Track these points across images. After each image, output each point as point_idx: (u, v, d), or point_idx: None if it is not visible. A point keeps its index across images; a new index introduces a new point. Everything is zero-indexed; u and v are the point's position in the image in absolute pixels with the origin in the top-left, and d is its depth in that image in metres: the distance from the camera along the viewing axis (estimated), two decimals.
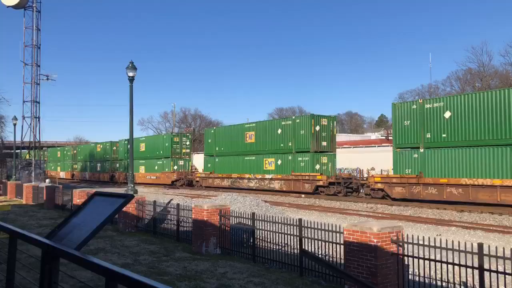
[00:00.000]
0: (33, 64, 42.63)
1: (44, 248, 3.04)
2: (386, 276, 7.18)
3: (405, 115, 25.30)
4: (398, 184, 25.29)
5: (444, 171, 23.29)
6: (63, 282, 6.89)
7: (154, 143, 48.92)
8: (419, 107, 24.69)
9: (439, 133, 23.68)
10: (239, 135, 37.83)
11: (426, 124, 24.22)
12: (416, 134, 24.74)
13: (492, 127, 21.47)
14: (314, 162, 31.23)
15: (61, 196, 23.28)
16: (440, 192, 23.29)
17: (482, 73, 62.75)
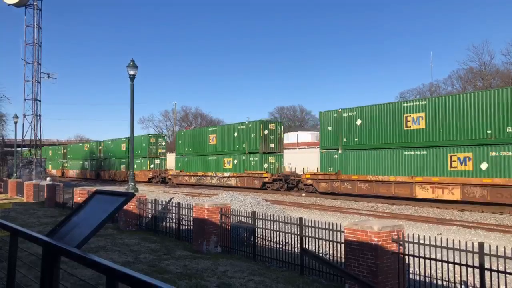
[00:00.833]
0: (34, 62, 42.66)
1: (45, 246, 3.04)
2: (386, 275, 7.18)
3: (329, 122, 30.03)
4: (322, 180, 29.96)
5: (355, 169, 28.00)
6: (64, 280, 6.91)
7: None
8: (338, 116, 29.43)
9: (353, 137, 28.43)
10: (204, 137, 41.91)
11: (343, 130, 28.99)
12: (336, 138, 29.44)
13: (389, 133, 26.38)
14: (262, 161, 35.58)
15: (62, 194, 23.31)
16: (353, 186, 27.99)
17: (484, 72, 62.67)
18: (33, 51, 42.72)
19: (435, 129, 24.19)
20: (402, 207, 23.62)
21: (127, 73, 18.80)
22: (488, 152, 21.96)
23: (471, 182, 22.33)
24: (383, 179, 26.13)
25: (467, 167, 22.70)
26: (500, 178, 21.24)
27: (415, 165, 24.85)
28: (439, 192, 23.62)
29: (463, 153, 22.90)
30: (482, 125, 22.25)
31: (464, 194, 22.59)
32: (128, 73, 18.75)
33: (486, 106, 22.12)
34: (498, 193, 21.37)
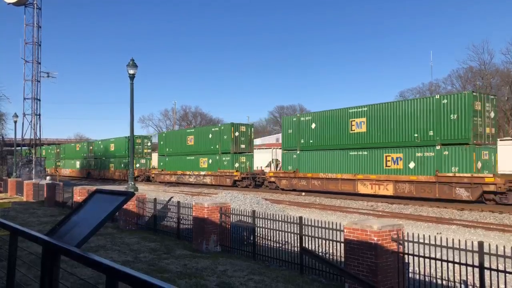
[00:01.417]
0: (33, 61, 42.61)
1: (45, 245, 3.04)
2: (386, 274, 7.18)
3: (289, 125, 33.38)
4: (283, 177, 33.21)
5: (310, 168, 31.11)
6: (64, 279, 6.91)
7: (120, 143, 55.02)
8: (297, 120, 32.87)
9: (308, 139, 31.61)
10: (183, 138, 44.99)
11: (301, 133, 32.17)
12: (295, 140, 32.62)
13: (337, 135, 29.59)
14: (234, 161, 38.65)
15: (62, 194, 23.31)
16: (308, 183, 31.10)
17: (483, 72, 62.65)
18: (33, 50, 42.70)
19: (374, 132, 27.32)
20: (402, 206, 23.63)
21: (127, 72, 18.79)
22: (415, 153, 25.12)
23: (401, 179, 25.45)
24: (332, 177, 29.41)
25: (398, 166, 25.90)
26: (424, 176, 24.40)
27: (358, 164, 28.04)
28: (376, 188, 26.84)
29: (396, 153, 26.14)
30: (411, 129, 25.39)
31: (396, 189, 25.69)
32: (127, 72, 18.74)
33: (414, 112, 25.29)
34: (422, 189, 24.52)
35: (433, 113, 24.35)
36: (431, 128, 24.41)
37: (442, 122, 23.96)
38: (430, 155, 24.40)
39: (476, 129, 23.11)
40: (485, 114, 23.60)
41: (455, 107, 23.58)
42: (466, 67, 65.30)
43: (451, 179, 23.15)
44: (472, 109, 22.95)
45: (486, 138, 23.69)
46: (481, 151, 23.35)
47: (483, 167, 23.12)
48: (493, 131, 24.37)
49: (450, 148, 23.65)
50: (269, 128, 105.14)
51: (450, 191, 23.25)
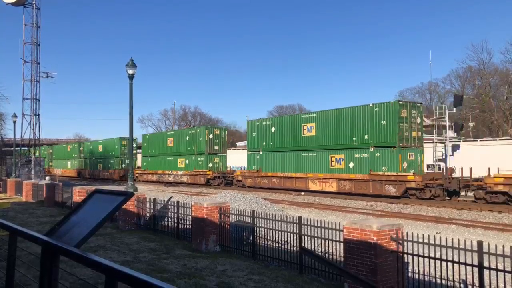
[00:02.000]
0: (32, 62, 42.55)
1: (44, 245, 3.04)
2: (385, 274, 7.18)
3: (253, 129, 37.03)
4: (249, 176, 36.89)
5: (271, 168, 34.75)
6: (63, 279, 6.90)
7: (108, 145, 58.97)
8: (259, 124, 36.55)
9: (269, 142, 35.19)
10: (164, 140, 48.33)
11: (263, 136, 35.77)
12: (258, 142, 36.26)
13: (292, 138, 32.99)
14: (207, 161, 42.02)
15: (61, 194, 23.28)
16: (269, 181, 34.70)
17: (482, 71, 62.67)
18: (32, 50, 42.65)
19: (321, 136, 30.79)
20: (401, 206, 23.65)
21: (126, 72, 18.77)
22: (354, 154, 28.49)
23: (343, 178, 28.91)
24: (288, 175, 32.93)
25: (341, 166, 29.26)
26: (360, 174, 27.82)
27: (309, 164, 31.39)
28: (323, 185, 30.17)
29: (339, 155, 29.48)
30: (351, 133, 28.74)
31: (339, 187, 29.05)
32: (127, 72, 18.73)
33: (353, 118, 28.70)
34: (359, 186, 27.83)
35: (367, 119, 27.73)
36: (366, 133, 27.81)
37: (374, 127, 27.32)
38: (365, 156, 27.81)
39: (402, 134, 26.34)
40: (411, 120, 26.90)
41: (385, 114, 26.90)
42: (465, 67, 65.41)
43: (382, 177, 26.60)
44: (398, 116, 26.29)
45: (412, 141, 26.90)
46: (407, 152, 26.66)
47: (409, 167, 26.44)
48: (419, 135, 27.53)
49: (381, 150, 27.00)
50: None
51: (381, 188, 26.56)
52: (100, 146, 60.93)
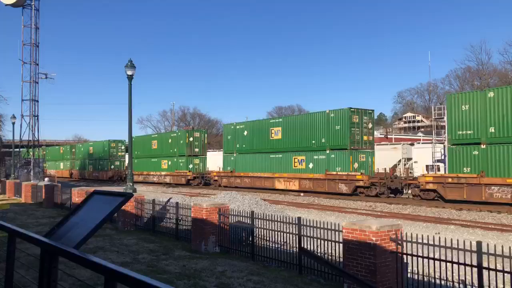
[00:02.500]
0: (31, 63, 42.51)
1: (43, 246, 3.04)
2: (385, 274, 7.18)
3: (228, 132, 40.30)
4: (224, 176, 39.80)
5: (244, 168, 37.55)
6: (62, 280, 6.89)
7: (98, 147, 62.28)
8: (234, 128, 39.46)
9: (242, 144, 38.20)
10: (149, 143, 51.48)
11: (237, 139, 38.77)
12: (233, 144, 39.23)
13: (262, 141, 36.16)
14: (188, 163, 44.86)
15: (60, 195, 23.26)
16: (241, 181, 37.53)
17: (481, 72, 62.81)
18: (31, 51, 42.59)
19: (286, 139, 33.90)
20: (400, 207, 23.66)
21: (125, 73, 18.77)
22: (313, 155, 31.48)
23: (304, 177, 31.94)
24: (258, 175, 35.89)
25: (302, 166, 32.22)
26: (318, 174, 30.91)
27: (275, 165, 34.49)
28: (287, 184, 33.26)
29: (300, 156, 32.46)
30: (311, 136, 31.76)
31: (300, 185, 32.16)
32: (126, 73, 18.72)
33: (313, 123, 31.82)
34: (317, 184, 30.88)
35: (324, 124, 30.86)
36: (323, 136, 30.92)
37: (330, 132, 30.40)
38: (322, 157, 30.92)
39: (353, 137, 29.33)
40: (362, 125, 29.87)
41: (339, 120, 29.89)
42: (464, 67, 65.59)
43: (335, 176, 29.61)
44: (350, 122, 29.23)
45: (363, 144, 29.87)
46: (358, 154, 29.60)
47: (360, 167, 29.36)
48: (371, 139, 30.64)
49: (335, 152, 30.11)
50: None
51: (335, 186, 29.52)
52: (90, 148, 64.37)
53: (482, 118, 22.74)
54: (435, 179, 24.55)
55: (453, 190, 23.42)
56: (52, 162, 76.41)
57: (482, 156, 22.65)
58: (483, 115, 22.69)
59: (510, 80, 58.35)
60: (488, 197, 21.96)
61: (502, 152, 21.90)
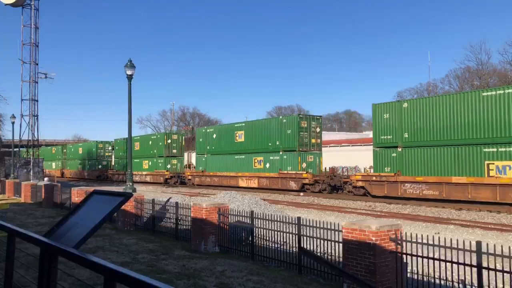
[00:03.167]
0: (31, 62, 42.45)
1: (43, 246, 3.04)
2: (384, 274, 7.19)
3: (200, 135, 44.20)
4: (196, 176, 43.45)
5: (213, 168, 41.14)
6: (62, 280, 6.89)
7: (86, 148, 66.59)
8: (205, 131, 43.88)
9: (211, 146, 41.91)
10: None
11: (207, 141, 42.49)
12: (204, 146, 43.04)
13: (228, 144, 39.78)
14: (166, 163, 48.08)
15: (60, 195, 23.25)
16: (211, 180, 41.15)
17: (481, 72, 62.74)
18: (30, 51, 42.53)
19: (248, 142, 37.64)
20: (400, 206, 23.67)
21: (124, 73, 18.77)
22: (269, 156, 35.41)
23: (262, 176, 35.76)
24: (225, 175, 39.53)
25: (261, 166, 36.05)
26: (273, 173, 34.68)
27: (239, 165, 38.00)
28: (249, 182, 36.91)
29: (259, 157, 36.23)
30: (268, 139, 35.71)
31: (259, 183, 35.87)
32: (125, 73, 18.72)
33: (269, 128, 35.94)
34: (272, 182, 34.74)
35: (278, 129, 34.87)
36: (278, 139, 34.82)
37: (283, 135, 34.31)
38: (277, 158, 34.76)
39: (302, 140, 33.36)
40: (310, 130, 33.88)
41: (290, 125, 33.89)
42: (464, 67, 65.45)
43: (286, 175, 33.43)
44: (299, 127, 33.22)
45: (311, 146, 33.89)
46: (307, 155, 33.44)
47: (308, 167, 33.20)
48: (318, 141, 34.57)
49: (287, 153, 33.83)
50: None
51: (287, 183, 33.38)
52: (80, 148, 68.73)
53: (398, 125, 26.17)
54: (363, 178, 28.15)
55: (377, 187, 26.91)
56: (45, 162, 78.42)
57: (399, 157, 26.08)
58: (399, 123, 26.12)
59: (509, 80, 58.29)
60: (403, 193, 25.45)
61: (413, 155, 25.32)
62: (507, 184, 20.86)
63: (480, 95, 22.57)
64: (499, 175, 21.44)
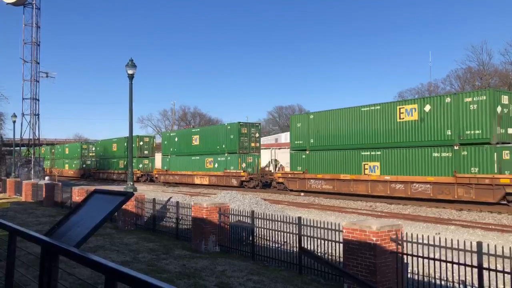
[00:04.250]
0: (32, 61, 42.51)
1: (44, 245, 3.04)
2: (385, 275, 7.18)
3: (166, 139, 49.44)
4: (162, 174, 48.29)
5: (176, 167, 46.22)
6: (63, 279, 6.90)
7: (72, 149, 72.88)
8: (168, 135, 50.06)
9: (174, 148, 47.16)
10: (111, 146, 60.26)
11: (170, 144, 47.98)
12: (168, 148, 48.23)
13: (186, 146, 45.23)
14: (138, 163, 52.88)
15: (61, 194, 23.27)
16: (173, 178, 46.25)
17: (482, 72, 62.65)
18: (32, 50, 42.60)
19: (202, 145, 43.14)
20: (401, 207, 23.66)
21: (125, 72, 18.77)
22: (218, 158, 40.83)
23: (211, 174, 41.32)
24: (184, 173, 44.86)
25: (211, 166, 41.62)
26: (220, 172, 40.17)
27: (195, 165, 43.48)
28: (202, 180, 42.41)
29: (210, 158, 41.68)
30: (216, 143, 41.12)
31: (210, 180, 41.40)
32: (126, 72, 18.73)
33: (218, 133, 41.55)
34: (219, 180, 40.14)
35: (224, 134, 40.26)
36: (224, 143, 40.28)
37: (227, 140, 39.83)
38: (223, 159, 40.21)
39: (242, 144, 39.13)
40: (250, 135, 39.78)
41: (233, 131, 39.47)
42: (465, 68, 65.36)
43: (229, 174, 39.03)
44: (240, 132, 39.09)
45: (251, 149, 39.68)
46: (246, 157, 38.99)
47: (247, 167, 38.78)
48: (257, 145, 40.49)
49: (231, 155, 39.42)
50: (268, 128, 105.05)
51: (229, 180, 38.83)
52: (66, 149, 74.60)
53: (307, 132, 32.35)
54: (283, 175, 34.70)
55: (292, 183, 32.85)
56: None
57: (307, 159, 32.21)
58: (307, 131, 32.30)
59: (511, 80, 58.24)
60: (309, 188, 31.27)
61: (317, 157, 31.38)
62: (375, 180, 26.96)
63: (359, 110, 28.64)
64: (371, 173, 27.48)
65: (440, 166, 24.24)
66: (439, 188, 23.95)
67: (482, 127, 22.75)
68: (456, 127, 23.76)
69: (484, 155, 22.76)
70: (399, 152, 26.30)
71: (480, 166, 22.84)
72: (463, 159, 23.38)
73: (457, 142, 23.73)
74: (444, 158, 24.17)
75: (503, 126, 23.12)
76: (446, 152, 24.23)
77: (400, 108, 26.61)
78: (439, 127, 24.53)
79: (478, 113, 22.94)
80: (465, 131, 23.38)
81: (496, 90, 25.17)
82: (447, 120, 24.15)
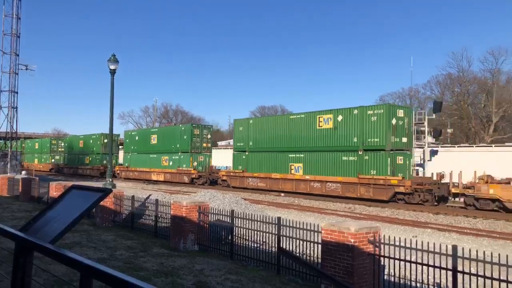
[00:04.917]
0: (12, 53, 41.68)
1: (18, 241, 2.98)
2: (362, 276, 7.25)
3: (127, 137, 53.36)
4: (123, 171, 52.61)
5: (136, 165, 50.20)
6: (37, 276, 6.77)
7: (42, 144, 75.51)
8: (130, 134, 53.65)
9: (135, 147, 51.01)
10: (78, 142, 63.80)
11: (132, 143, 51.84)
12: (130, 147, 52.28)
13: (146, 145, 48.58)
14: (102, 159, 55.22)
15: (37, 189, 22.87)
16: (133, 174, 50.24)
17: (462, 79, 63.74)
18: (11, 41, 41.74)
19: (160, 144, 46.76)
20: (379, 209, 23.92)
21: (107, 67, 18.55)
22: (172, 156, 44.46)
23: (166, 171, 44.81)
24: (142, 170, 48.63)
25: (167, 164, 45.13)
26: (174, 169, 43.68)
27: (153, 162, 47.28)
28: (158, 176, 46.02)
29: (166, 156, 45.32)
30: (172, 143, 44.81)
31: (165, 177, 44.93)
32: (108, 67, 18.51)
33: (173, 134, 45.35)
34: (173, 176, 43.56)
35: (179, 135, 43.96)
36: (178, 143, 43.95)
37: (181, 140, 43.50)
38: (177, 157, 43.84)
39: (194, 144, 42.89)
40: (202, 136, 43.54)
41: (186, 132, 43.28)
42: (445, 74, 66.38)
43: (182, 171, 42.58)
44: (192, 134, 42.76)
45: (202, 149, 43.48)
46: (197, 156, 42.81)
47: (198, 165, 42.51)
48: (209, 145, 44.48)
49: (183, 154, 42.99)
50: None
51: (182, 177, 42.45)
52: (36, 144, 77.59)
53: (247, 135, 36.71)
54: (226, 174, 38.82)
55: (234, 180, 37.22)
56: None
57: (246, 159, 36.61)
58: (247, 134, 36.70)
59: (489, 88, 59.39)
60: (247, 185, 35.63)
61: (254, 157, 35.76)
62: (299, 179, 31.49)
63: (288, 118, 33.53)
64: (295, 173, 31.99)
65: (347, 168, 28.49)
66: (346, 187, 28.32)
67: (379, 136, 26.99)
68: (361, 135, 27.94)
69: (380, 159, 26.94)
70: (317, 155, 30.44)
71: (377, 169, 26.94)
72: (365, 162, 27.63)
73: (361, 148, 27.92)
74: (351, 162, 28.46)
75: (397, 135, 27.30)
76: (352, 156, 28.41)
77: (319, 117, 30.51)
78: (348, 135, 28.73)
79: (377, 124, 27.12)
80: (367, 139, 27.64)
81: (392, 105, 29.80)
82: (355, 129, 28.36)
